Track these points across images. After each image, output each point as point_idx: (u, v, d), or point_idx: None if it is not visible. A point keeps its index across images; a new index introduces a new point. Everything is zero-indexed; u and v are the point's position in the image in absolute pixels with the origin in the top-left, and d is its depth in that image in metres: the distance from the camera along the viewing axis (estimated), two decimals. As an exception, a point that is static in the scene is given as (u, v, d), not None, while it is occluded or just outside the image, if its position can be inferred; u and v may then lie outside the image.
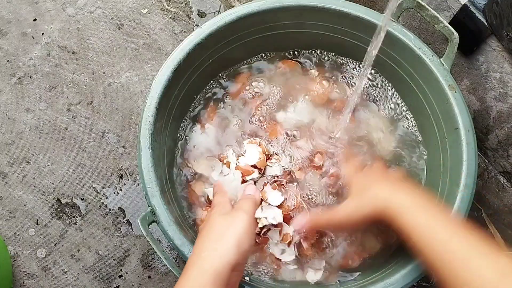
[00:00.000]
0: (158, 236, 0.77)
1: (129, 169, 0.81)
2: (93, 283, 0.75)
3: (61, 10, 0.90)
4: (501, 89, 0.66)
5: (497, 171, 0.74)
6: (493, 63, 0.65)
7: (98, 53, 0.88)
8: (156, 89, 0.62)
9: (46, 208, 0.79)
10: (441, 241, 0.46)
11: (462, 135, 0.60)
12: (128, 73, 0.87)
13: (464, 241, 0.46)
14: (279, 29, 0.70)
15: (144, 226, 0.55)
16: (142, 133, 0.60)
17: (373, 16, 0.65)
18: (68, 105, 0.84)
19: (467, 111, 0.61)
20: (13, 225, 0.78)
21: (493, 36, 0.63)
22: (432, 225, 0.48)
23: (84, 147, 0.82)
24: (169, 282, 0.75)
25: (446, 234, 0.47)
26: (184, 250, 0.55)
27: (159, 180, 0.59)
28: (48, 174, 0.80)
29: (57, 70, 0.86)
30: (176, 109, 0.67)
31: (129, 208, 0.79)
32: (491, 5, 0.61)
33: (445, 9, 0.67)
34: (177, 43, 0.86)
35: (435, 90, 0.63)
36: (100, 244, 0.77)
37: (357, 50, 0.70)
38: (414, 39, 0.64)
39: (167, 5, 0.91)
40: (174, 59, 0.63)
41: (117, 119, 0.84)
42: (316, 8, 0.66)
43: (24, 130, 0.83)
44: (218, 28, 0.65)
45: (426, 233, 0.48)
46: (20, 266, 0.76)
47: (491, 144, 0.72)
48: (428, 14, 0.62)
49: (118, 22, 0.90)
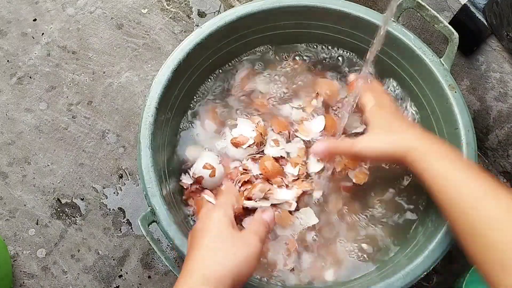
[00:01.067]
0: (158, 236, 0.77)
1: (129, 169, 0.81)
2: (93, 283, 0.75)
3: (61, 10, 0.90)
4: (501, 89, 0.66)
5: (497, 171, 0.74)
6: (493, 63, 0.65)
7: (98, 53, 0.88)
8: (156, 89, 0.62)
9: (46, 208, 0.79)
10: (454, 186, 0.49)
11: (462, 135, 0.60)
12: (128, 73, 0.87)
13: (474, 184, 0.48)
14: (279, 29, 0.70)
15: (144, 226, 0.55)
16: (142, 133, 0.60)
17: (373, 16, 0.65)
18: (68, 105, 0.84)
19: (467, 111, 0.61)
20: (13, 225, 0.78)
21: (493, 36, 0.63)
22: (447, 171, 0.50)
23: (84, 147, 0.82)
24: (169, 282, 0.75)
25: (459, 178, 0.49)
26: (184, 250, 0.55)
27: (159, 180, 0.59)
28: (48, 174, 0.80)
29: (57, 70, 0.86)
30: (176, 109, 0.67)
31: (129, 208, 0.79)
32: (491, 5, 0.61)
33: (445, 9, 0.67)
34: (177, 43, 0.86)
35: (435, 90, 0.63)
36: (100, 244, 0.77)
37: (357, 50, 0.71)
38: (414, 39, 0.64)
39: (167, 5, 0.91)
40: (174, 59, 0.63)
41: (117, 119, 0.84)
42: (316, 8, 0.66)
43: (24, 130, 0.83)
44: (218, 28, 0.65)
45: (440, 179, 0.50)
46: (20, 266, 0.76)
47: (491, 144, 0.72)
48: (428, 14, 0.62)
49: (118, 22, 0.90)
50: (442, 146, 0.54)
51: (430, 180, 0.51)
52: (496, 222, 0.44)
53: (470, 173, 0.49)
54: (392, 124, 0.57)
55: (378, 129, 0.58)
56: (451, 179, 0.49)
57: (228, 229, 0.49)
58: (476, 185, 0.48)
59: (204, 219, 0.51)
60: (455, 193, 0.48)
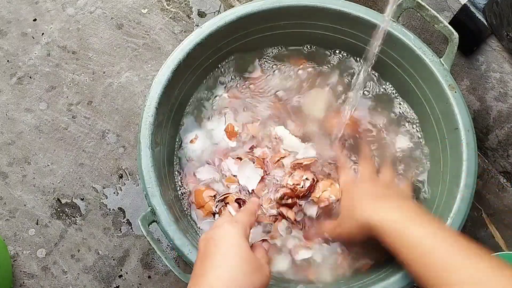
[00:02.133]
0: (158, 236, 0.77)
1: (129, 169, 0.81)
2: (93, 283, 0.75)
3: (61, 10, 0.90)
4: (501, 89, 0.66)
5: (497, 171, 0.74)
6: (493, 63, 0.65)
7: (98, 53, 0.88)
8: (156, 89, 0.62)
9: (46, 208, 0.79)
10: (422, 250, 0.48)
11: (462, 135, 0.60)
12: (128, 73, 0.87)
13: (446, 247, 0.47)
14: (279, 29, 0.70)
15: (144, 226, 0.55)
16: (142, 133, 0.60)
17: (373, 16, 0.65)
18: (68, 105, 0.84)
19: (467, 111, 0.61)
20: (13, 225, 0.78)
21: (493, 36, 0.63)
22: (411, 234, 0.49)
23: (84, 147, 0.82)
24: (169, 282, 0.75)
25: (428, 242, 0.48)
26: (184, 250, 0.55)
27: (159, 180, 0.59)
28: (48, 174, 0.80)
29: (57, 70, 0.86)
30: (176, 109, 0.67)
31: (129, 208, 0.79)
32: (491, 5, 0.61)
33: (445, 9, 0.67)
34: (177, 43, 0.86)
35: (435, 90, 0.63)
36: (100, 244, 0.77)
37: (357, 50, 0.71)
38: (414, 39, 0.64)
39: (167, 5, 0.91)
40: (174, 59, 0.63)
41: (117, 119, 0.84)
42: (316, 8, 0.66)
43: (24, 130, 0.83)
44: (218, 28, 0.65)
45: (407, 245, 0.49)
46: (20, 266, 0.76)
47: (491, 144, 0.72)
48: (428, 14, 0.62)
49: (118, 22, 0.90)
50: (404, 211, 0.53)
51: (398, 248, 0.50)
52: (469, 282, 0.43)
53: (440, 235, 0.48)
54: (355, 204, 0.59)
55: (344, 213, 0.60)
56: (418, 246, 0.49)
57: (248, 252, 0.47)
58: (447, 249, 0.47)
59: (222, 231, 0.49)
60: (425, 259, 0.47)
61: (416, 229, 0.50)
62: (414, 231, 0.50)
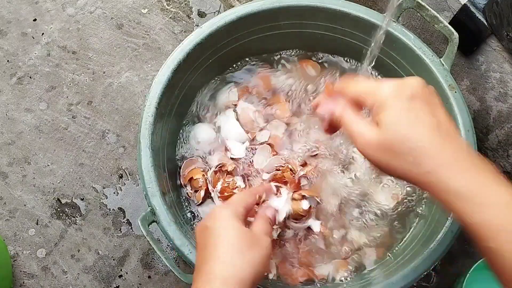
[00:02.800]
0: (158, 236, 0.77)
1: (129, 169, 0.81)
2: (93, 283, 0.75)
3: (61, 10, 0.90)
4: (501, 89, 0.66)
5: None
6: (493, 63, 0.65)
7: (98, 53, 0.88)
8: (156, 89, 0.62)
9: (46, 208, 0.79)
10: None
11: (462, 135, 0.60)
12: (128, 73, 0.87)
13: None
14: (279, 29, 0.70)
15: (144, 226, 0.55)
16: (142, 133, 0.60)
17: (373, 16, 0.65)
18: (68, 105, 0.84)
19: (467, 111, 0.61)
20: (13, 225, 0.78)
21: (493, 36, 0.63)
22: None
23: (84, 147, 0.82)
24: (169, 282, 0.75)
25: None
26: (184, 250, 0.55)
27: (159, 180, 0.59)
28: (48, 174, 0.80)
29: (57, 70, 0.86)
30: (176, 109, 0.67)
31: (129, 208, 0.79)
32: (491, 5, 0.61)
33: (445, 9, 0.67)
34: (177, 43, 0.86)
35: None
36: (100, 244, 0.77)
37: (357, 50, 0.70)
38: (414, 39, 0.64)
39: (167, 5, 0.91)
40: (174, 59, 0.63)
41: (117, 119, 0.84)
42: (316, 8, 0.66)
43: (24, 130, 0.83)
44: (218, 28, 0.65)
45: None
46: (20, 266, 0.76)
47: (491, 144, 0.72)
48: (428, 14, 0.62)
49: (118, 22, 0.90)
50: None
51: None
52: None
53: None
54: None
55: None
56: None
57: (240, 229, 0.48)
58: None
59: (213, 215, 0.50)
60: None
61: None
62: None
